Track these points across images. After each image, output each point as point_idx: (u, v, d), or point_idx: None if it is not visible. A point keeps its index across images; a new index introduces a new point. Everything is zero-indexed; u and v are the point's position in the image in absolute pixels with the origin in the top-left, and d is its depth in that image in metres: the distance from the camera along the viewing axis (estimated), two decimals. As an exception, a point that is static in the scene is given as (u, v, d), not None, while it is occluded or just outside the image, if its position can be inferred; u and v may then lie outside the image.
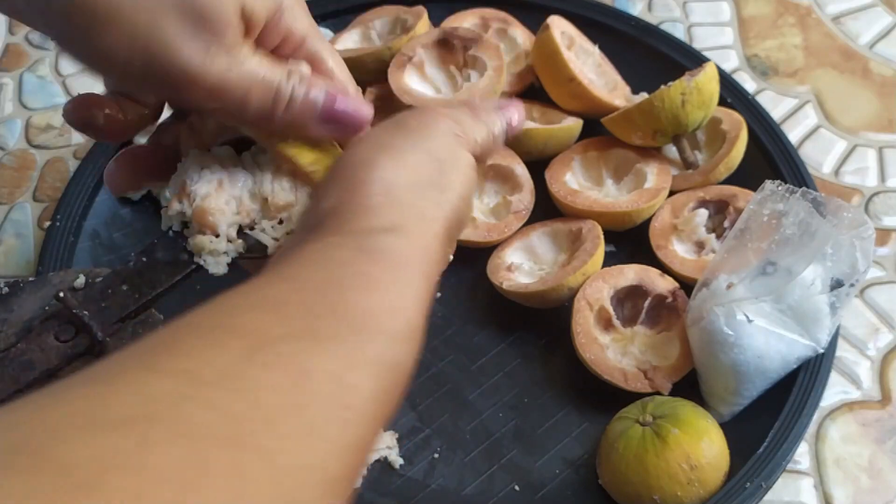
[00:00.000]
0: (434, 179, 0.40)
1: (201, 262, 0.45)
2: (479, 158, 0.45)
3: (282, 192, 0.45)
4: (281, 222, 0.46)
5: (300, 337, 0.31)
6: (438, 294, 0.65)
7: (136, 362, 0.29)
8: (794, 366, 0.57)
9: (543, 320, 0.63)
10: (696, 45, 0.79)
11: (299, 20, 0.43)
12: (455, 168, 0.41)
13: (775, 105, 0.77)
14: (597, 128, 0.69)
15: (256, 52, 0.42)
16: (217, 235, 0.45)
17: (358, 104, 0.44)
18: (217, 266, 0.45)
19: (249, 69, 0.41)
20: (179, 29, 0.38)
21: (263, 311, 0.32)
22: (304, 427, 0.29)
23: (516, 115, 0.47)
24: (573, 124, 0.69)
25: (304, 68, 0.43)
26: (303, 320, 0.32)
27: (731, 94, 0.71)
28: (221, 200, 0.45)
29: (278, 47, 0.43)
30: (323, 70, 0.45)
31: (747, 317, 0.55)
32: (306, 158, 0.45)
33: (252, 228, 0.45)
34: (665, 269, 0.63)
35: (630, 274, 0.62)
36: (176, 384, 0.27)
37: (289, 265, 0.36)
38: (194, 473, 0.24)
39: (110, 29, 0.38)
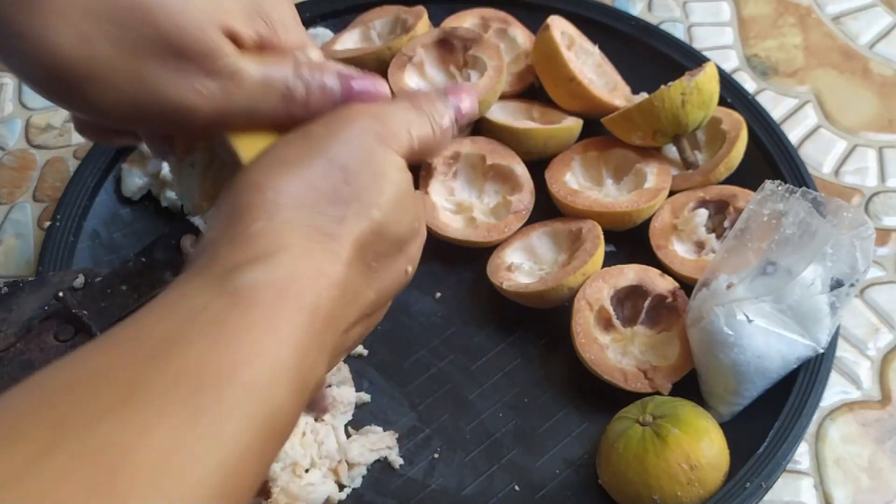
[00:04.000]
0: (335, 191, 0.35)
1: (192, 220, 0.44)
2: (418, 154, 0.39)
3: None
4: None
5: (117, 412, 0.26)
6: (438, 294, 0.65)
7: None
8: (794, 366, 0.57)
9: (543, 320, 0.63)
10: (696, 45, 0.79)
11: (292, 34, 0.40)
12: (368, 173, 0.36)
13: (775, 105, 0.77)
14: (597, 128, 0.69)
15: (254, 57, 0.38)
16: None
17: (374, 80, 0.40)
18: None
19: (252, 78, 0.38)
20: (163, 69, 0.36)
21: (78, 386, 0.27)
22: None
23: (467, 99, 0.42)
24: (573, 124, 0.69)
25: (314, 54, 0.40)
26: (127, 389, 0.27)
27: (731, 94, 0.71)
28: None
29: None
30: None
31: (747, 317, 0.55)
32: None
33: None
34: (665, 269, 0.63)
35: (630, 274, 0.62)
36: None
37: (130, 323, 0.31)
38: None
39: (93, 86, 0.36)
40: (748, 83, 0.78)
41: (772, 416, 0.56)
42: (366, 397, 0.60)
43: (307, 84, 0.38)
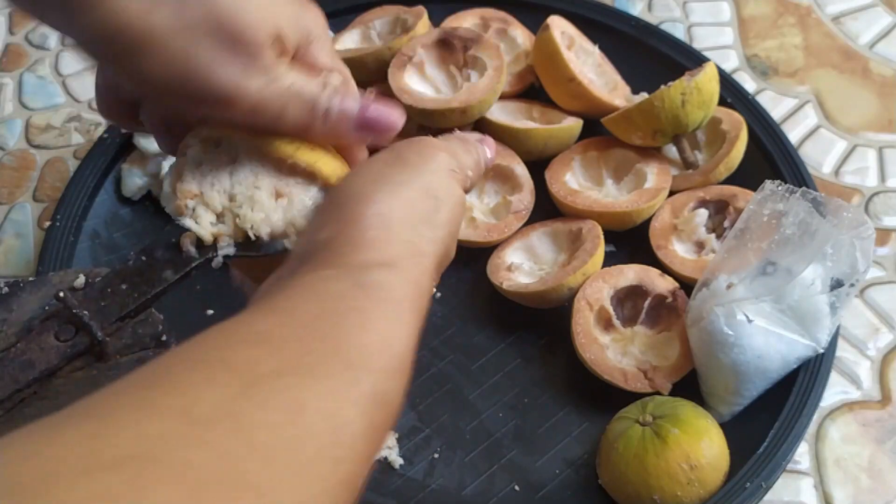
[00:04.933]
0: (428, 216, 0.40)
1: (181, 222, 0.45)
2: (467, 191, 0.45)
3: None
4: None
5: (293, 372, 0.31)
6: (438, 294, 0.65)
7: (130, 398, 0.28)
8: (794, 366, 0.57)
9: (543, 320, 0.63)
10: (696, 45, 0.79)
11: (324, 52, 0.45)
12: (448, 205, 0.42)
13: (775, 105, 0.77)
14: (597, 128, 0.69)
15: (292, 68, 0.43)
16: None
17: (389, 109, 0.45)
18: (202, 229, 0.45)
19: (286, 85, 0.42)
20: (216, 52, 0.39)
21: (255, 344, 0.32)
22: (298, 465, 0.29)
23: (489, 149, 0.49)
24: (573, 124, 0.69)
25: (336, 79, 0.45)
26: (295, 354, 0.32)
27: (731, 94, 0.71)
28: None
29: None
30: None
31: (747, 317, 0.55)
32: (305, 157, 0.45)
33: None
34: (665, 269, 0.63)
35: (630, 274, 0.62)
36: (170, 423, 0.27)
37: (281, 296, 0.35)
38: None
39: (147, 54, 0.39)
40: (748, 83, 0.78)
41: (772, 416, 0.56)
42: (366, 397, 0.60)
43: (330, 103, 0.43)
